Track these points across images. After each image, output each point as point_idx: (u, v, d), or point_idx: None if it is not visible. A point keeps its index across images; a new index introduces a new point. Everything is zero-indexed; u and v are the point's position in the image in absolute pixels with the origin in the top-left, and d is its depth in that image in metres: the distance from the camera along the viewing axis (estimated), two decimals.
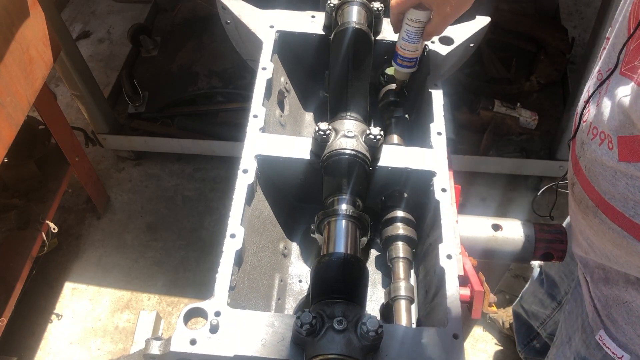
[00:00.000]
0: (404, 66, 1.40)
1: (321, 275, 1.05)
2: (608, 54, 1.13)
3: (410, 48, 1.35)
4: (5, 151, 1.84)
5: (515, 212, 2.83)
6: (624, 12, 1.08)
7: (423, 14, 1.28)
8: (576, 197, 1.24)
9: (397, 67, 1.41)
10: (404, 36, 1.34)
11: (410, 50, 1.36)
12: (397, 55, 1.39)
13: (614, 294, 1.26)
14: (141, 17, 3.52)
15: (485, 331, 2.54)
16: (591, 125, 1.12)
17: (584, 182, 1.18)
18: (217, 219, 2.88)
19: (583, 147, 1.16)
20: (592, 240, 1.25)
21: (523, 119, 2.82)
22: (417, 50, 1.36)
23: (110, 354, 2.48)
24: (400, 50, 1.37)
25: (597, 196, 1.14)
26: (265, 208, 1.28)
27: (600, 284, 1.31)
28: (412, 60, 1.38)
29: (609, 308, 1.27)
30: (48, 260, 2.66)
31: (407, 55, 1.37)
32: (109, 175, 3.10)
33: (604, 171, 1.10)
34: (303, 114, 1.60)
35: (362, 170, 1.21)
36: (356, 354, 0.92)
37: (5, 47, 1.80)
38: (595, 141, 1.10)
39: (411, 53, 1.37)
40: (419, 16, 1.29)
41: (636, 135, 0.98)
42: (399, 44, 1.37)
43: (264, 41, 1.44)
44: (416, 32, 1.31)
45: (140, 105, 2.99)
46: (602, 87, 1.11)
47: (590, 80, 1.24)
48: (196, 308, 1.00)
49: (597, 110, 1.10)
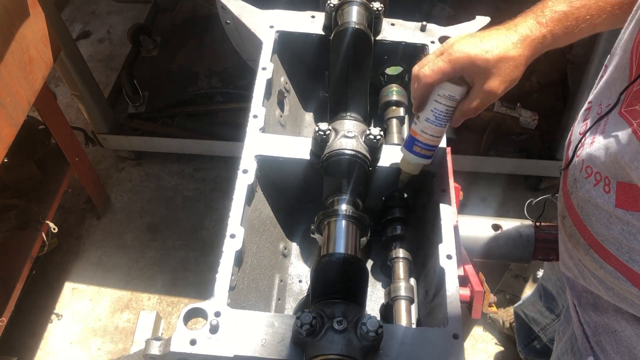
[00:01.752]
0: (421, 155, 1.12)
1: (321, 275, 1.06)
2: (607, 87, 1.05)
3: (434, 132, 1.08)
4: (5, 151, 1.84)
5: (516, 212, 2.82)
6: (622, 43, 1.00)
7: (459, 90, 1.03)
8: (567, 230, 1.16)
9: (410, 157, 1.13)
10: (429, 117, 1.06)
11: (434, 136, 1.09)
12: (415, 141, 1.10)
13: (604, 322, 1.18)
14: (141, 17, 3.52)
15: (485, 331, 2.54)
16: (584, 163, 1.04)
17: (575, 219, 1.11)
18: (217, 219, 2.88)
19: (576, 184, 1.08)
20: (582, 268, 1.18)
21: (523, 119, 2.82)
22: (441, 136, 1.10)
23: (110, 354, 2.48)
24: (421, 134, 1.09)
25: (589, 235, 1.07)
26: (265, 208, 1.28)
27: (589, 310, 1.23)
28: (432, 148, 1.11)
29: (598, 335, 1.20)
30: (48, 260, 2.66)
31: (429, 142, 1.09)
32: (109, 175, 3.10)
33: (598, 213, 1.02)
34: (303, 114, 1.60)
35: (362, 170, 1.21)
36: (356, 354, 0.92)
37: (5, 47, 1.80)
38: (589, 181, 1.03)
39: (434, 139, 1.09)
40: (454, 92, 1.03)
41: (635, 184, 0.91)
42: (417, 127, 1.09)
43: (263, 41, 1.44)
44: (446, 113, 1.05)
45: (140, 105, 2.99)
46: (599, 122, 1.03)
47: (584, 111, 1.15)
48: (196, 308, 1.00)
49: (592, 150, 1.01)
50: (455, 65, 0.99)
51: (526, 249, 1.45)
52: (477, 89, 1.02)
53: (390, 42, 1.49)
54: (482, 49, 0.98)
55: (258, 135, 1.26)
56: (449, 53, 1.00)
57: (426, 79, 1.02)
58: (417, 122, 1.10)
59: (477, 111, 1.05)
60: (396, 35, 1.50)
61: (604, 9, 1.01)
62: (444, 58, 1.00)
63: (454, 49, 1.00)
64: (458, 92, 1.03)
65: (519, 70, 1.02)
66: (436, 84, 1.03)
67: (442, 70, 1.00)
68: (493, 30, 1.03)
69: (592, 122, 1.08)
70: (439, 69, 1.00)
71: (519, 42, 1.00)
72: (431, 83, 1.02)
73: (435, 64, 1.01)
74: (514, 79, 1.03)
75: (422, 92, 1.05)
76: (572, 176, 1.10)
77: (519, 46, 1.00)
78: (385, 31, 1.50)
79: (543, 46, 1.03)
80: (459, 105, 1.05)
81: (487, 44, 0.99)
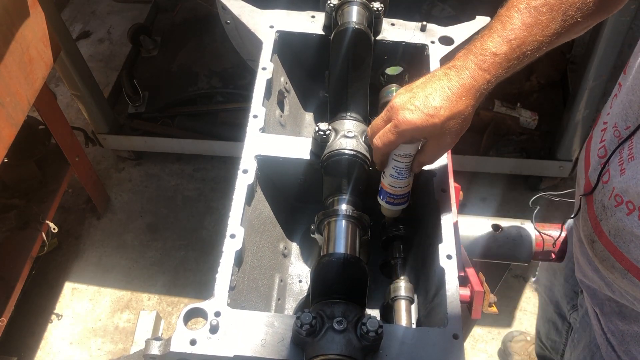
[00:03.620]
0: (395, 204, 1.21)
1: (321, 275, 1.05)
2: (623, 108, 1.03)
3: (401, 184, 1.16)
4: (5, 151, 1.84)
5: (516, 212, 2.83)
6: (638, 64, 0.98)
7: (413, 147, 1.09)
8: (598, 254, 1.14)
9: (387, 206, 1.22)
10: (392, 173, 1.15)
11: (401, 187, 1.17)
12: (386, 193, 1.19)
13: (633, 331, 1.15)
14: (141, 17, 3.52)
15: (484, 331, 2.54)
16: (614, 191, 1.02)
17: (608, 245, 1.08)
18: (217, 219, 2.88)
19: (605, 212, 1.06)
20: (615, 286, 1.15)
21: (523, 119, 2.82)
22: (408, 184, 1.17)
23: (110, 354, 2.48)
24: (390, 188, 1.17)
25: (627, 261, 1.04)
26: (265, 208, 1.28)
27: (614, 318, 1.20)
28: (404, 196, 1.19)
29: (627, 344, 1.17)
30: (48, 260, 2.66)
31: (398, 193, 1.18)
32: (109, 175, 3.10)
33: (636, 240, 1.00)
34: (303, 114, 1.60)
35: (362, 170, 1.21)
36: (356, 354, 0.92)
37: (5, 47, 1.80)
38: (620, 209, 1.01)
39: (402, 190, 1.18)
40: (408, 150, 1.09)
41: None
42: (385, 182, 1.18)
43: (263, 41, 1.44)
44: (407, 167, 1.13)
45: (140, 105, 2.99)
46: (622, 147, 1.01)
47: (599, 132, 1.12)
48: (196, 308, 1.00)
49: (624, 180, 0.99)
50: (404, 135, 1.01)
51: (526, 249, 1.45)
52: (430, 145, 1.05)
53: (390, 42, 1.49)
54: (427, 113, 0.98)
55: (258, 135, 1.26)
56: (395, 124, 1.01)
57: (379, 150, 1.06)
58: (384, 176, 1.17)
59: (434, 161, 1.11)
60: (396, 35, 1.50)
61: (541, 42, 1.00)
62: (391, 129, 1.02)
63: (399, 118, 1.00)
64: (412, 149, 1.09)
65: (467, 121, 1.02)
66: (392, 150, 1.08)
67: (392, 142, 1.03)
68: (435, 81, 1.01)
69: (610, 144, 1.06)
70: (389, 140, 1.03)
71: (464, 93, 0.99)
72: (386, 153, 1.08)
73: (385, 135, 1.03)
74: (464, 129, 1.04)
75: (380, 158, 1.11)
76: (600, 203, 1.08)
77: (464, 98, 0.99)
78: (385, 31, 1.50)
79: (487, 90, 1.01)
80: (415, 157, 1.10)
81: (431, 106, 0.98)
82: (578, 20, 1.00)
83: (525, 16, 0.98)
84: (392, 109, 1.02)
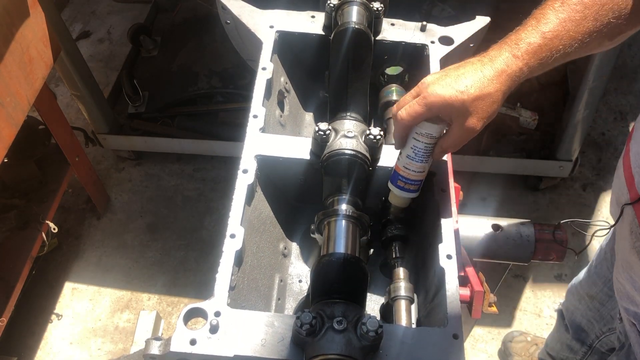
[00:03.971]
0: (406, 190, 1.15)
1: (321, 275, 1.05)
2: None
3: (416, 168, 1.11)
4: (5, 151, 1.84)
5: (516, 212, 2.83)
6: None
7: (437, 128, 1.06)
8: None
9: (396, 191, 1.17)
10: (409, 153, 1.09)
11: (415, 171, 1.12)
12: (398, 176, 1.14)
13: None
14: (141, 17, 3.52)
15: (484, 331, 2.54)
16: None
17: None
18: (217, 219, 2.88)
19: None
20: None
21: (523, 119, 2.82)
22: (424, 171, 1.13)
23: (110, 354, 2.47)
24: (403, 170, 1.12)
25: None
26: (265, 208, 1.28)
27: None
28: (416, 183, 1.14)
29: None
30: (48, 260, 2.66)
31: (412, 177, 1.13)
32: (109, 175, 3.10)
33: None
34: (303, 114, 1.60)
35: (362, 170, 1.21)
36: (356, 354, 0.92)
37: (5, 47, 1.80)
38: None
39: (416, 174, 1.12)
40: (432, 130, 1.06)
41: None
42: (400, 163, 1.13)
43: (263, 41, 1.44)
44: (425, 150, 1.08)
45: (140, 105, 2.99)
46: None
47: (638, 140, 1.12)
48: (196, 308, 1.00)
49: None
50: (432, 108, 1.01)
51: (526, 249, 1.45)
52: (455, 127, 1.03)
53: (390, 42, 1.49)
54: (457, 89, 0.99)
55: (258, 135, 1.26)
56: (424, 96, 1.01)
57: (403, 122, 1.04)
58: (399, 157, 1.13)
59: (457, 147, 1.06)
60: (396, 35, 1.50)
61: (575, 38, 1.02)
62: (419, 101, 1.02)
63: (429, 91, 1.01)
64: (435, 130, 1.06)
65: (496, 105, 1.02)
66: (414, 124, 1.05)
67: (418, 113, 1.02)
68: (468, 65, 1.03)
69: None
70: (415, 112, 1.02)
71: (495, 77, 1.00)
72: (408, 125, 1.05)
73: (412, 107, 1.02)
74: (492, 114, 1.03)
75: (401, 132, 1.08)
76: None
77: (495, 82, 1.00)
78: (385, 31, 1.50)
79: (519, 79, 1.03)
80: (438, 141, 1.08)
81: (462, 84, 0.99)
82: (611, 20, 1.02)
83: (559, 12, 1.01)
84: (422, 84, 1.03)
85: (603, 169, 3.04)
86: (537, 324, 2.54)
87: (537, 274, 2.68)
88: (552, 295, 2.62)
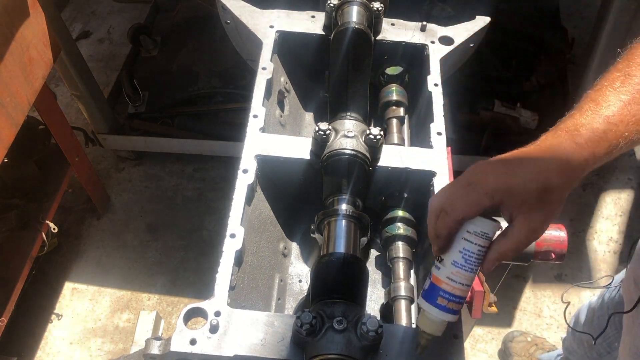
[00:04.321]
0: (448, 310, 0.87)
1: (321, 275, 1.06)
2: None
3: (464, 279, 0.86)
4: (5, 151, 1.84)
5: None
6: None
7: (494, 226, 0.85)
8: None
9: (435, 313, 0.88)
10: (456, 259, 0.85)
11: (463, 284, 0.86)
12: (439, 291, 0.87)
13: None
14: (141, 17, 3.52)
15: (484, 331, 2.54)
16: None
17: None
18: (217, 219, 2.88)
19: None
20: None
21: (523, 119, 2.82)
22: (470, 284, 0.88)
23: (110, 354, 2.47)
24: (447, 283, 0.86)
25: None
26: (265, 208, 1.28)
27: None
28: (461, 301, 0.88)
29: None
30: (48, 260, 2.66)
31: (457, 292, 0.86)
32: (109, 175, 3.10)
33: None
34: (303, 114, 1.60)
35: (362, 170, 1.21)
36: (356, 354, 0.92)
37: (5, 47, 1.80)
38: None
39: (463, 289, 0.87)
40: (488, 229, 0.85)
41: None
42: (442, 273, 0.87)
43: (263, 41, 1.44)
44: (478, 255, 0.85)
45: (140, 105, 2.99)
46: None
47: None
48: (196, 308, 1.00)
49: None
50: (494, 196, 0.82)
51: (526, 249, 1.45)
52: (517, 225, 0.84)
53: (390, 42, 1.49)
54: (522, 177, 0.83)
55: (258, 135, 1.26)
56: (484, 184, 0.84)
57: (457, 213, 0.84)
58: (440, 266, 0.88)
59: (516, 253, 0.86)
60: (396, 35, 1.50)
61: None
62: (476, 188, 0.84)
63: (489, 177, 0.84)
64: (492, 228, 0.85)
65: (562, 202, 0.85)
66: (469, 218, 0.85)
67: (479, 203, 0.83)
68: (524, 153, 0.88)
69: None
70: (474, 201, 0.83)
71: (560, 169, 0.84)
72: (464, 217, 0.85)
73: (468, 195, 0.84)
74: (557, 212, 0.85)
75: (450, 229, 0.85)
76: None
77: (562, 174, 0.84)
78: (385, 31, 1.50)
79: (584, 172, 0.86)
80: (493, 245, 0.86)
81: (527, 172, 0.83)
82: None
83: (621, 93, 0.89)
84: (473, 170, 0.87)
85: (603, 169, 3.04)
86: (537, 324, 2.55)
87: (537, 274, 2.68)
88: (552, 295, 2.62)
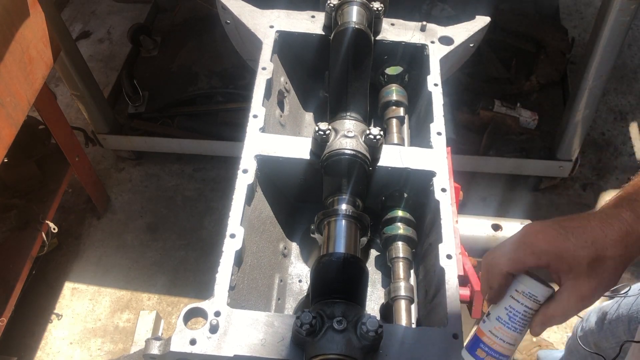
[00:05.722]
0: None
1: (321, 275, 1.05)
2: None
3: (506, 337, 0.86)
4: (5, 151, 1.84)
5: (515, 212, 2.82)
6: None
7: (543, 290, 0.85)
8: None
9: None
10: (501, 315, 0.86)
11: (505, 341, 0.86)
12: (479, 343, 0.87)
13: None
14: (141, 17, 3.52)
15: None
16: None
17: None
18: (217, 219, 2.88)
19: None
20: None
21: (523, 119, 2.82)
22: (514, 344, 0.87)
23: (110, 354, 2.47)
24: (489, 336, 0.86)
25: None
26: (265, 208, 1.28)
27: None
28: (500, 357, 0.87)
29: None
30: (48, 260, 2.66)
31: (498, 348, 0.86)
32: (109, 175, 3.10)
33: None
34: (303, 114, 1.60)
35: (362, 170, 1.21)
36: (356, 354, 0.92)
37: (5, 47, 1.80)
38: None
39: (505, 347, 0.86)
40: (536, 291, 0.84)
41: None
42: (486, 327, 0.88)
43: (263, 41, 1.44)
44: (524, 315, 0.85)
45: (140, 105, 2.99)
46: None
47: None
48: (196, 308, 1.00)
49: None
50: (541, 257, 0.82)
51: None
52: (566, 291, 0.83)
53: (390, 42, 1.49)
54: (574, 243, 0.81)
55: (258, 135, 1.26)
56: (532, 243, 0.83)
57: (500, 267, 0.85)
58: (486, 320, 0.89)
59: (565, 319, 0.85)
60: (396, 35, 1.50)
61: None
62: (525, 248, 0.83)
63: (539, 237, 0.83)
64: (541, 292, 0.85)
65: (618, 273, 0.82)
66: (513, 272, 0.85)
67: (523, 261, 0.83)
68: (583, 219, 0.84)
69: None
70: (518, 258, 0.84)
71: (619, 240, 0.81)
72: (508, 271, 0.85)
73: (514, 251, 0.84)
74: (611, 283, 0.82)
75: (497, 283, 0.86)
76: None
77: (619, 245, 0.81)
78: (385, 31, 1.50)
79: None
80: (541, 308, 0.85)
81: (580, 239, 0.81)
82: None
83: None
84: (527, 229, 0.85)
85: (603, 169, 3.04)
86: None
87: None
88: None
